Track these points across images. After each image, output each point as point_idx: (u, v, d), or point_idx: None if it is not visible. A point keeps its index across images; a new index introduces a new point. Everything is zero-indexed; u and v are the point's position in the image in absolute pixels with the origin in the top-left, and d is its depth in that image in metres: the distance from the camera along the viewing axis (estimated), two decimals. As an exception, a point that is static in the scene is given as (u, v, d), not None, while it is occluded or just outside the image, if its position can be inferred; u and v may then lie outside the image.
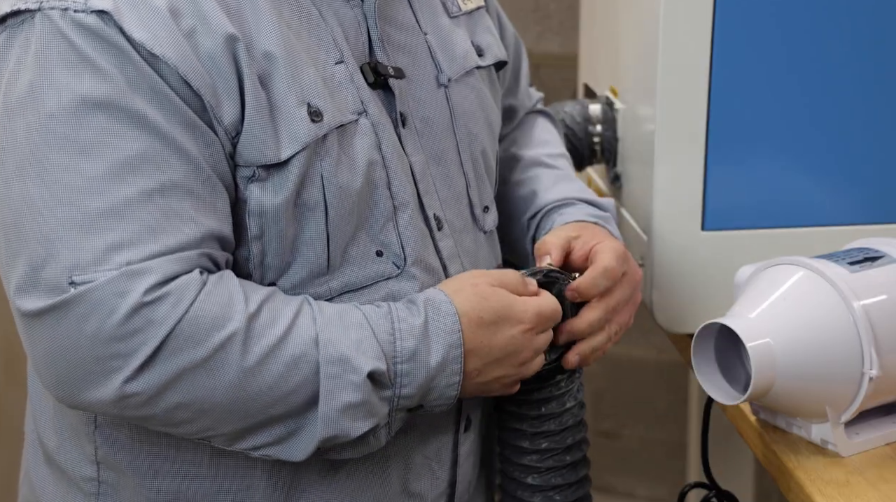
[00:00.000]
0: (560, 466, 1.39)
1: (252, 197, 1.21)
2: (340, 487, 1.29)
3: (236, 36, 1.18)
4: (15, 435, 1.41)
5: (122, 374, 1.13)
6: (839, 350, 1.26)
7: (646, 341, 2.75)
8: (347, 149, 1.25)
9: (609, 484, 2.89)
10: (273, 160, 1.20)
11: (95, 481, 1.29)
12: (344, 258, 1.25)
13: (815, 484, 1.26)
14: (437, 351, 1.21)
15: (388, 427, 1.23)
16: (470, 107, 1.40)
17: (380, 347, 1.19)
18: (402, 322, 1.21)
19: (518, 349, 1.27)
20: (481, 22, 1.47)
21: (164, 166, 1.15)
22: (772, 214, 1.56)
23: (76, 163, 1.13)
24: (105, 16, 1.14)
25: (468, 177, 1.38)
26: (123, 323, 1.12)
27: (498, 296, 1.26)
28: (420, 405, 1.24)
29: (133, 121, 1.14)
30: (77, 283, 1.12)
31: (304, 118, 1.21)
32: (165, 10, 1.16)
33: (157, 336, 1.12)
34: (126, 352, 1.12)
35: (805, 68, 1.52)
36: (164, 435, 1.25)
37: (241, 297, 1.16)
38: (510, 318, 1.26)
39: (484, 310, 1.25)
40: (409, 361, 1.20)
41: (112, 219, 1.13)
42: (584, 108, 1.75)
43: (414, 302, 1.24)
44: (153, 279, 1.12)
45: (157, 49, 1.14)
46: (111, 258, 1.12)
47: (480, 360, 1.25)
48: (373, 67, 1.29)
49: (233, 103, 1.18)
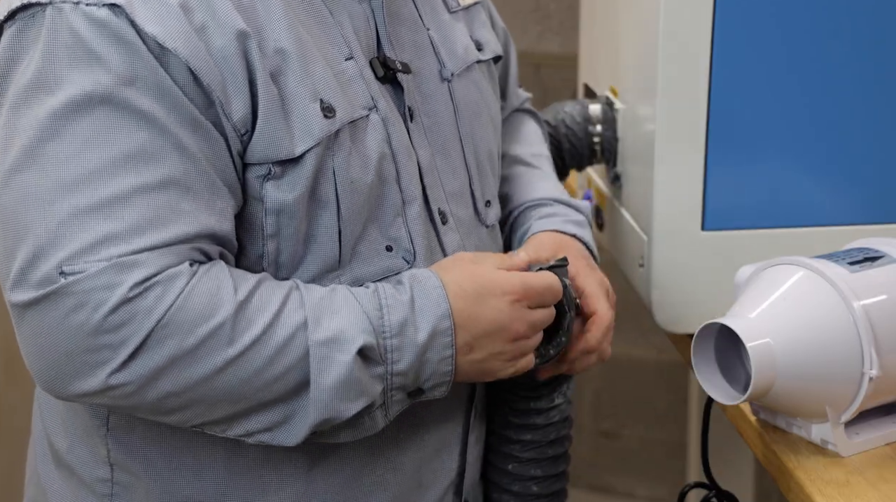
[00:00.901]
0: (541, 458, 1.41)
1: (268, 195, 1.21)
2: (356, 485, 1.30)
3: (248, 33, 1.18)
4: (15, 435, 1.41)
5: (109, 366, 1.13)
6: (839, 350, 1.26)
7: (646, 341, 2.76)
8: (359, 144, 1.25)
9: (609, 484, 2.89)
10: (287, 156, 1.20)
11: (109, 482, 1.30)
12: (354, 253, 1.25)
13: (815, 484, 1.26)
14: (425, 323, 1.21)
15: (383, 408, 1.22)
16: (472, 101, 1.40)
17: (369, 322, 1.19)
18: (390, 298, 1.21)
19: (507, 321, 1.25)
20: (478, 17, 1.48)
21: (163, 162, 1.15)
22: (772, 214, 1.56)
23: (75, 156, 1.13)
24: (117, 9, 1.14)
25: (471, 171, 1.39)
26: (110, 315, 1.12)
27: (481, 268, 1.26)
28: (420, 389, 1.23)
29: (134, 115, 1.14)
30: (67, 274, 1.12)
31: (316, 113, 1.21)
32: (177, 5, 1.16)
33: (144, 327, 1.12)
34: (113, 343, 1.13)
35: (805, 68, 1.52)
36: (178, 436, 1.26)
37: (230, 286, 1.16)
38: (494, 289, 1.25)
39: (466, 281, 1.24)
40: (398, 335, 1.20)
41: (106, 211, 1.13)
42: (584, 108, 1.75)
43: (400, 280, 1.24)
44: (143, 273, 1.13)
45: (168, 43, 1.15)
46: (102, 250, 1.12)
47: (469, 334, 1.24)
48: (382, 62, 1.30)
49: (243, 100, 1.18)
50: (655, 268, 1.57)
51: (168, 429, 1.26)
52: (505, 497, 1.43)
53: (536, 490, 1.42)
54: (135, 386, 1.14)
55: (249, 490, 1.28)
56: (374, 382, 1.19)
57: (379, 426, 1.23)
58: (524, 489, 1.42)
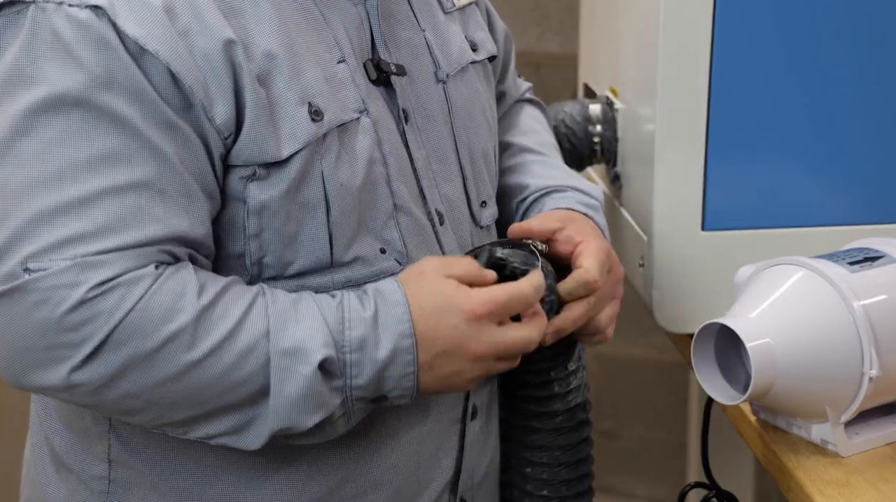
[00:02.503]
0: (568, 462, 1.39)
1: (251, 195, 1.21)
2: (355, 483, 1.30)
3: (233, 39, 1.18)
4: (15, 435, 1.41)
5: (68, 363, 1.14)
6: (839, 350, 1.26)
7: (646, 341, 2.76)
8: (348, 147, 1.25)
9: (609, 484, 2.89)
10: (273, 159, 1.20)
11: (106, 480, 1.30)
12: (348, 257, 1.25)
13: (815, 484, 1.26)
14: (386, 341, 1.20)
15: (346, 417, 1.22)
16: (467, 102, 1.40)
17: (330, 336, 1.19)
18: (353, 311, 1.20)
19: (463, 340, 1.22)
20: (473, 17, 1.48)
21: (135, 164, 1.15)
22: (772, 214, 1.56)
23: (47, 155, 1.14)
24: (99, 11, 1.15)
25: (465, 172, 1.38)
26: (69, 313, 1.13)
27: (440, 284, 1.23)
28: (383, 396, 1.22)
29: (108, 117, 1.15)
30: (31, 270, 1.13)
31: (304, 117, 1.21)
32: (161, 8, 1.16)
33: (104, 328, 1.13)
34: (73, 342, 1.13)
35: (805, 68, 1.52)
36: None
37: (193, 290, 1.16)
38: (452, 307, 1.22)
39: (426, 297, 1.22)
40: (357, 351, 1.19)
41: (75, 211, 1.14)
42: (584, 108, 1.75)
43: (366, 292, 1.23)
44: (106, 273, 1.13)
45: (149, 45, 1.15)
46: (67, 249, 1.13)
47: (427, 352, 1.22)
48: (375, 64, 1.30)
49: (227, 103, 1.18)
50: (655, 268, 1.57)
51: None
52: (530, 486, 1.39)
53: (566, 491, 1.38)
54: (94, 385, 1.15)
55: (249, 487, 1.28)
56: (333, 395, 1.19)
57: (340, 431, 1.23)
58: (552, 476, 1.38)
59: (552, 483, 1.39)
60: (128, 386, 1.15)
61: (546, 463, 1.39)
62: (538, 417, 1.38)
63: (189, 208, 1.18)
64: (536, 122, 1.61)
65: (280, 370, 1.17)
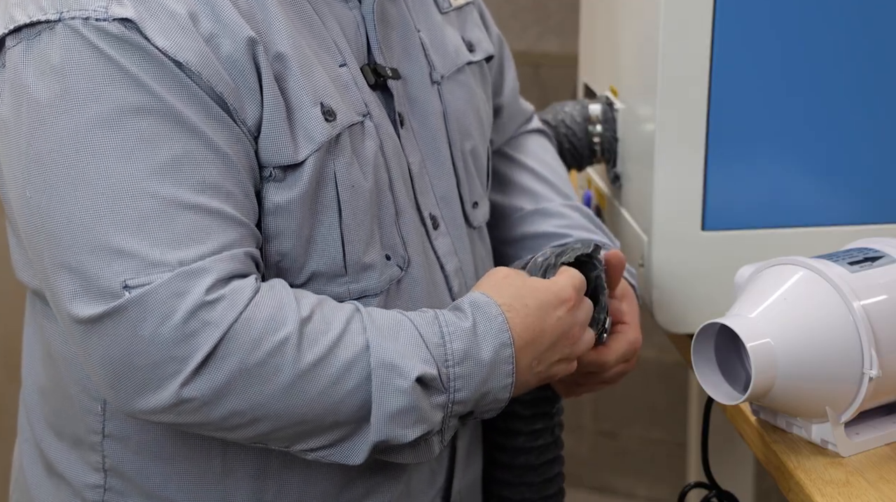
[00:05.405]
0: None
1: (268, 197, 1.20)
2: (351, 491, 1.30)
3: (255, 38, 1.18)
4: (14, 435, 1.41)
5: (178, 378, 1.12)
6: (839, 350, 1.26)
7: (646, 341, 2.74)
8: (358, 149, 1.25)
9: (609, 484, 2.89)
10: (290, 161, 1.20)
11: (101, 488, 1.29)
12: (362, 265, 1.25)
13: (815, 484, 1.25)
14: (487, 350, 1.21)
15: (440, 434, 1.22)
16: (461, 104, 1.40)
17: (428, 352, 1.18)
18: (451, 325, 1.21)
19: (568, 328, 1.28)
20: (470, 17, 1.48)
21: (204, 166, 1.14)
22: (772, 214, 1.56)
23: (118, 169, 1.12)
24: (129, 24, 1.13)
25: (458, 173, 1.39)
26: (182, 325, 1.11)
27: (533, 282, 1.27)
28: (471, 411, 1.23)
29: (172, 123, 1.13)
30: (132, 288, 1.11)
31: (318, 117, 1.21)
32: (185, 16, 1.15)
33: (212, 338, 1.11)
34: (183, 355, 1.11)
35: (805, 68, 1.52)
36: (174, 442, 1.25)
37: (292, 302, 1.16)
38: (553, 300, 1.27)
39: (527, 297, 1.25)
40: (460, 363, 1.20)
41: (159, 221, 1.12)
42: (584, 108, 1.75)
43: (459, 307, 1.24)
44: (211, 278, 1.12)
45: (179, 56, 1.14)
46: (164, 260, 1.11)
47: (536, 350, 1.25)
48: (373, 69, 1.29)
49: (255, 105, 1.18)
50: (655, 268, 1.57)
51: (164, 435, 1.26)
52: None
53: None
54: (203, 400, 1.13)
55: (245, 494, 1.27)
56: (434, 411, 1.19)
57: (435, 451, 1.23)
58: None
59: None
60: (234, 402, 1.14)
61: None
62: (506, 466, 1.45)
63: (248, 206, 1.18)
64: (556, 171, 1.61)
65: (381, 384, 1.16)
